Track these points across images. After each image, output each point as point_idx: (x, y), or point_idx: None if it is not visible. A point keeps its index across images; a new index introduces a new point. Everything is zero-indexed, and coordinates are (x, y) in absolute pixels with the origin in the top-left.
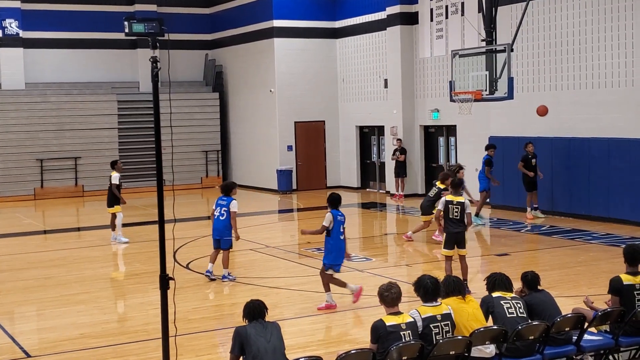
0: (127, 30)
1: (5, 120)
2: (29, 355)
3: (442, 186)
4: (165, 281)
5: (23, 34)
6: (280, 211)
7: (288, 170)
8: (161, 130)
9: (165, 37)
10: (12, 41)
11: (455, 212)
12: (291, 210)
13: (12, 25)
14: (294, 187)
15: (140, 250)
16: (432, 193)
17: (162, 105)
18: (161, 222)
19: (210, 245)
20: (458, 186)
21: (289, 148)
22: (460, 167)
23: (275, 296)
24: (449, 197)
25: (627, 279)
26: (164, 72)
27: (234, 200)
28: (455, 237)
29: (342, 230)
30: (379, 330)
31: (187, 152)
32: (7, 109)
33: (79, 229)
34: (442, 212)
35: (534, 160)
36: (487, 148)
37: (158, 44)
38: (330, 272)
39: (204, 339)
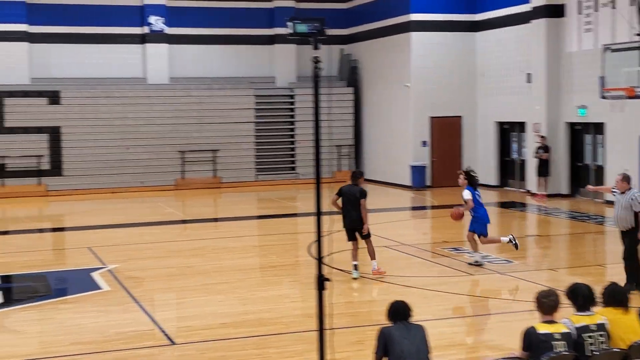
0: (291, 31)
1: (150, 114)
2: (173, 343)
3: None
4: (321, 282)
5: (168, 30)
6: (413, 208)
7: (422, 166)
8: (299, 125)
9: (325, 36)
10: (158, 37)
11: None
12: (425, 208)
13: (157, 22)
14: (428, 183)
15: (276, 242)
16: None
17: (300, 100)
18: (319, 223)
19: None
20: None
21: (424, 144)
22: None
23: (411, 296)
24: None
25: None
26: (302, 68)
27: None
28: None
29: None
30: (530, 338)
31: (321, 146)
32: (152, 102)
33: (216, 220)
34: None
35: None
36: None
37: (320, 44)
38: None
39: (341, 335)
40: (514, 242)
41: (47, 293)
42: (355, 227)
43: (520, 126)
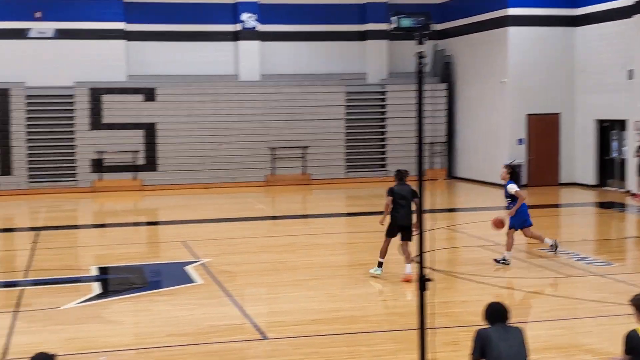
0: (395, 25)
1: (242, 110)
2: (265, 337)
3: None
4: (423, 282)
5: (260, 27)
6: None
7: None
8: (390, 122)
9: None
10: (250, 34)
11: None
12: None
13: (250, 20)
14: (524, 182)
15: (365, 240)
16: None
17: (391, 97)
18: (420, 221)
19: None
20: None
21: (520, 141)
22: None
23: (507, 297)
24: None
25: None
26: (394, 64)
27: None
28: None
29: None
30: (632, 341)
31: (412, 143)
32: (244, 99)
33: (306, 216)
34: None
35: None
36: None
37: (425, 39)
38: None
39: (435, 335)
40: (504, 261)
41: (142, 285)
42: (404, 225)
43: (620, 124)
